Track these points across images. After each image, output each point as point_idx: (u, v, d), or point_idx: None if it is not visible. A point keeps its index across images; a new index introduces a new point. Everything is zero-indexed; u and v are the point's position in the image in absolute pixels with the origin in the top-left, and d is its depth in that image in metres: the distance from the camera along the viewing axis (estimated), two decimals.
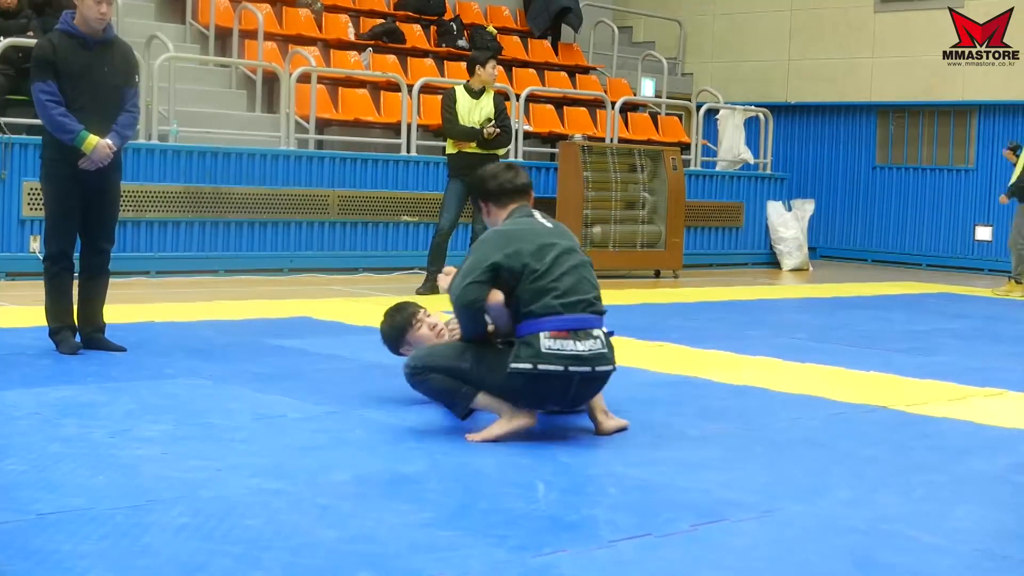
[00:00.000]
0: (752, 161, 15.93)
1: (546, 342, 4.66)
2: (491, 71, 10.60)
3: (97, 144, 6.21)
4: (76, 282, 6.52)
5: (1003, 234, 15.95)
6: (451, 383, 4.79)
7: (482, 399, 4.79)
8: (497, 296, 4.76)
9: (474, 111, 10.51)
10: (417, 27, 15.61)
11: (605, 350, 4.80)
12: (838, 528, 3.74)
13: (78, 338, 6.44)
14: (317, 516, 3.63)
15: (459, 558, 3.29)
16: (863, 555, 3.49)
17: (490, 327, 4.86)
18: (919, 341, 8.44)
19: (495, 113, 10.52)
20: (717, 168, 15.71)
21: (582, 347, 4.70)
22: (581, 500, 3.99)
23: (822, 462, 4.65)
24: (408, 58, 14.79)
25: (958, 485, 4.38)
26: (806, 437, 5.11)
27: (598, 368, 4.75)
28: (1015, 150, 12.99)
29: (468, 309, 4.76)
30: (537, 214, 5.05)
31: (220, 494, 3.80)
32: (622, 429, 5.01)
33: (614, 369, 4.86)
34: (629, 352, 7.21)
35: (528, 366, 4.64)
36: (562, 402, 4.85)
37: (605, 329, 4.92)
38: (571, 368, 4.66)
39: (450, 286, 4.88)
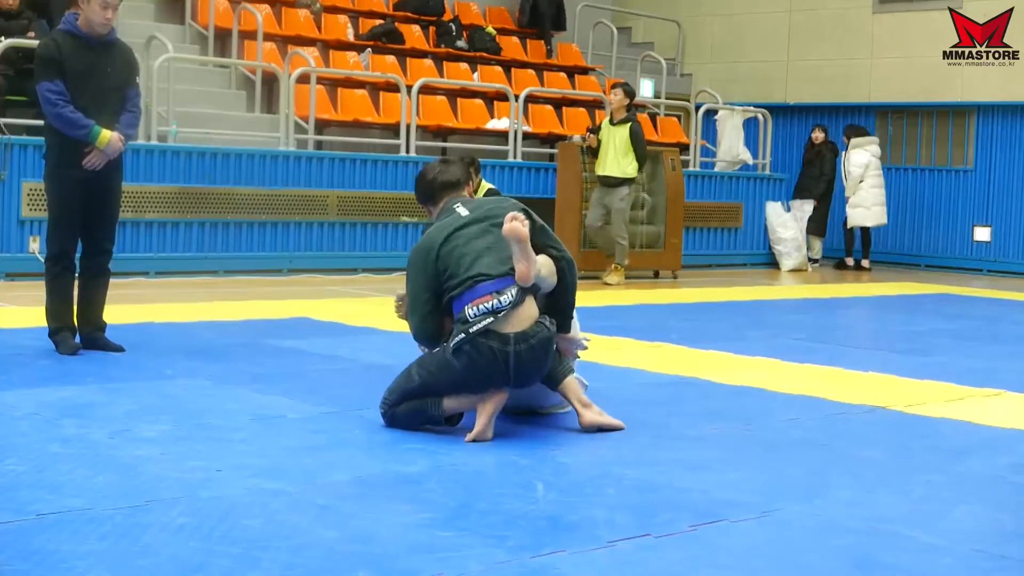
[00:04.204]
0: (751, 162, 15.94)
1: (471, 311, 4.73)
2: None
3: (111, 138, 6.24)
4: (76, 282, 6.53)
5: (1002, 234, 16.00)
6: (416, 404, 4.84)
7: (447, 402, 4.82)
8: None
9: None
10: (416, 28, 15.61)
11: None
12: (837, 528, 3.75)
13: (78, 339, 6.45)
14: (316, 516, 3.63)
15: (458, 558, 3.30)
16: (862, 555, 3.50)
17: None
18: (917, 341, 8.45)
19: None
20: (716, 169, 15.72)
21: (505, 298, 4.74)
22: (580, 500, 4.00)
23: (821, 462, 4.66)
24: (407, 59, 14.80)
25: (956, 485, 4.38)
26: (805, 437, 5.12)
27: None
28: (596, 131, 12.28)
29: (432, 341, 4.92)
30: (459, 205, 5.10)
31: (219, 494, 3.81)
32: (615, 429, 4.99)
33: (550, 332, 4.82)
34: (628, 352, 7.22)
35: (462, 335, 4.70)
36: (506, 372, 4.73)
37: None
38: (500, 315, 4.69)
39: (408, 320, 5.03)
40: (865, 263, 15.60)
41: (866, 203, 15.24)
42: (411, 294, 4.97)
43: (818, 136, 15.77)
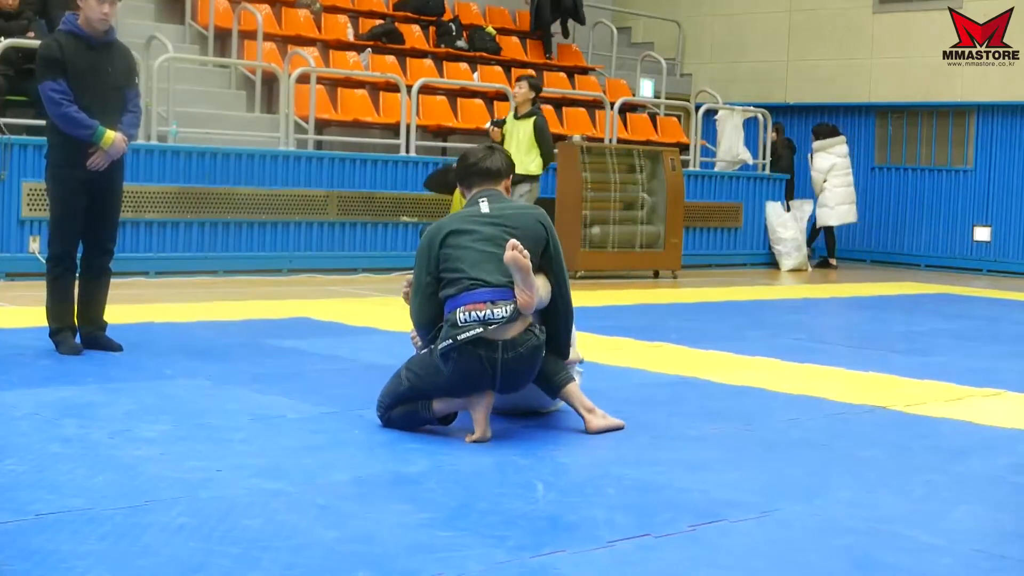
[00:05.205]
0: (751, 162, 15.94)
1: (462, 315, 4.69)
2: None
3: (115, 138, 6.25)
4: (77, 282, 6.53)
5: (1002, 234, 15.99)
6: (408, 407, 4.84)
7: (436, 405, 4.81)
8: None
9: None
10: (416, 28, 15.61)
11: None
12: (837, 528, 3.75)
13: (78, 339, 6.45)
14: (316, 516, 3.63)
15: (458, 558, 3.30)
16: (862, 555, 3.50)
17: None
18: (917, 341, 8.45)
19: None
20: (716, 169, 15.72)
21: (499, 312, 4.68)
22: (580, 500, 4.00)
23: (821, 462, 4.66)
24: (407, 59, 14.80)
25: (956, 485, 4.38)
26: (805, 437, 5.12)
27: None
28: (500, 125, 11.53)
29: (429, 328, 4.88)
30: (484, 200, 5.00)
31: (219, 494, 3.81)
32: (617, 428, 4.99)
33: (539, 339, 4.79)
34: (628, 352, 7.22)
35: (449, 342, 4.67)
36: (493, 378, 4.71)
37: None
38: (490, 328, 4.64)
39: (411, 304, 5.00)
40: (832, 261, 16.01)
41: (830, 203, 15.67)
42: (416, 276, 4.97)
43: (771, 136, 16.17)
